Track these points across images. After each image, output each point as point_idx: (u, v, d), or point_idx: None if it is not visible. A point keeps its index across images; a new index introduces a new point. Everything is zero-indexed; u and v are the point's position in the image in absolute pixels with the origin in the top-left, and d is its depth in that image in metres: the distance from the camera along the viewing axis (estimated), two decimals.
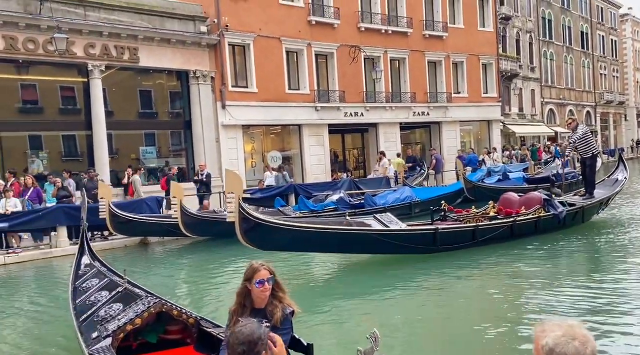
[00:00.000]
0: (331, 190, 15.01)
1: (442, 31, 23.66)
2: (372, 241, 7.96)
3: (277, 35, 18.72)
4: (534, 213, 9.53)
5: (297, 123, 19.62)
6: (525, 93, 33.67)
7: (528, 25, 34.23)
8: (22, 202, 11.69)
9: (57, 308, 7.25)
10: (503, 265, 8.21)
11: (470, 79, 25.07)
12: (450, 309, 6.23)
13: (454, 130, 24.78)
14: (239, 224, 7.05)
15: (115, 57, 15.39)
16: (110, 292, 4.25)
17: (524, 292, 6.63)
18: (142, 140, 17.53)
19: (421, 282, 7.44)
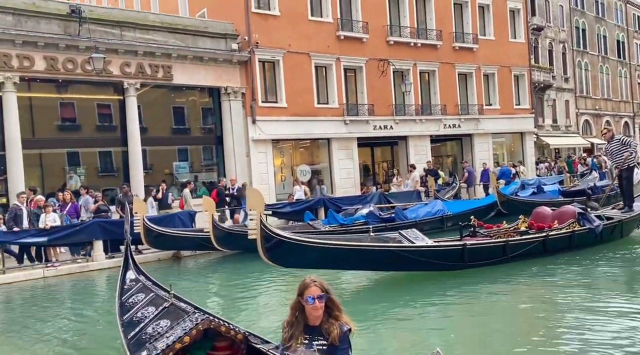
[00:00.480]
0: (361, 203, 14.95)
1: (472, 43, 23.46)
2: (397, 258, 7.78)
3: (306, 50, 18.93)
4: (568, 227, 9.17)
5: (326, 137, 19.70)
6: (559, 104, 32.96)
7: (561, 35, 33.62)
8: (61, 216, 12.06)
9: (100, 321, 7.41)
10: (535, 283, 7.90)
11: (501, 90, 24.72)
12: (483, 329, 6.04)
13: (486, 142, 24.40)
14: (261, 241, 7.01)
15: (150, 75, 15.83)
16: (156, 307, 4.18)
17: (557, 312, 6.35)
18: (175, 156, 17.90)
19: (451, 300, 7.23)
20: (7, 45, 13.55)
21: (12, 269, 11.20)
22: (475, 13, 23.81)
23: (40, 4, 14.49)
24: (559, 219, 9.34)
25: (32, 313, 8.26)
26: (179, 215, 13.15)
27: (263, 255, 7.13)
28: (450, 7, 23.00)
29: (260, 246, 7.05)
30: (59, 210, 12.37)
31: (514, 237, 8.80)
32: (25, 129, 14.20)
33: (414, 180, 18.45)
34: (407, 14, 21.66)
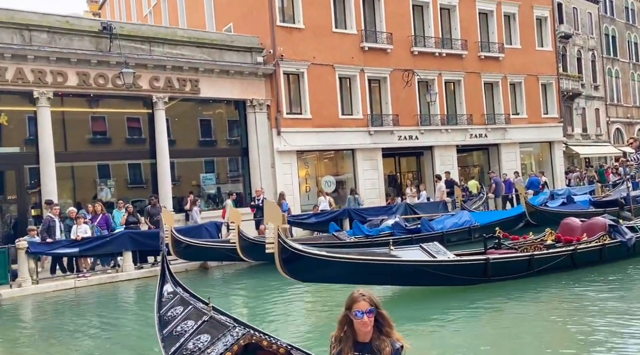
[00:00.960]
0: (386, 214, 14.87)
1: (498, 52, 23.24)
2: (418, 272, 7.62)
3: (330, 62, 19.05)
4: (598, 240, 8.84)
5: (350, 147, 19.71)
6: (589, 112, 32.28)
7: (590, 43, 33.02)
8: (92, 228, 12.35)
9: (130, 330, 7.54)
10: (562, 299, 7.61)
11: (529, 99, 24.36)
12: (510, 345, 5.83)
13: (514, 152, 24.03)
14: (278, 255, 6.92)
15: (178, 88, 16.16)
16: (195, 321, 4.09)
17: (588, 328, 6.09)
18: (202, 167, 18.16)
19: (474, 316, 7.03)
20: (42, 62, 14.04)
21: (44, 280, 11.49)
22: (501, 22, 23.61)
23: (73, 22, 15.00)
24: (589, 232, 9.06)
25: (64, 323, 8.45)
26: (206, 226, 13.31)
27: (281, 269, 7.04)
28: (476, 16, 22.86)
29: (278, 260, 6.98)
30: (90, 222, 12.67)
31: (540, 251, 8.52)
32: (58, 143, 14.63)
33: (440, 191, 18.27)
34: (432, 24, 21.62)
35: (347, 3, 19.72)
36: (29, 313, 9.77)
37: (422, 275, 7.63)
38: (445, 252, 7.93)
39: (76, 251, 11.58)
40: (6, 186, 14.72)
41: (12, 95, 14.25)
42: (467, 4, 22.52)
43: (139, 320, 8.24)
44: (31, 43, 13.97)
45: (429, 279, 7.76)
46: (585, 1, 33.06)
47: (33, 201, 14.67)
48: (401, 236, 12.46)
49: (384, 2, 20.35)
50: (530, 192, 17.56)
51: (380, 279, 7.75)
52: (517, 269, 8.18)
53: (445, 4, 22.08)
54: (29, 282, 10.96)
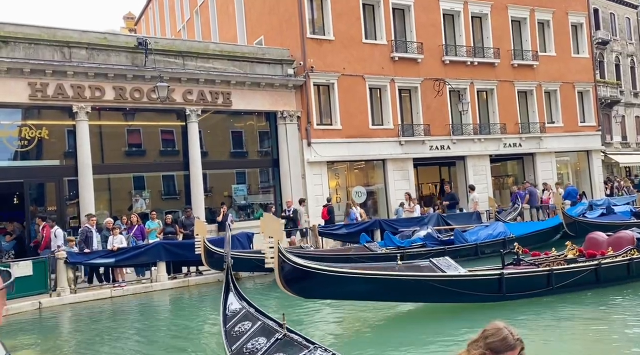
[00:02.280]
0: (417, 225, 14.69)
1: (531, 60, 22.81)
2: (427, 288, 7.22)
3: (361, 73, 19.07)
4: (625, 254, 8.28)
5: (381, 158, 19.61)
6: (629, 120, 31.26)
7: (628, 49, 32.06)
8: (127, 238, 12.62)
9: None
10: (585, 318, 7.06)
11: (565, 107, 23.77)
12: None
13: (549, 162, 23.43)
14: (279, 270, 6.65)
15: (210, 101, 16.46)
16: (267, 338, 3.90)
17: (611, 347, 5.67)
18: (234, 178, 18.37)
19: None
20: (80, 77, 14.53)
21: (82, 289, 11.78)
22: (535, 29, 23.19)
23: (111, 38, 15.50)
24: (615, 246, 8.54)
25: (101, 332, 8.62)
26: (238, 237, 13.40)
27: (281, 285, 6.75)
28: (508, 24, 22.53)
29: (278, 276, 6.71)
30: (126, 233, 12.95)
31: (561, 266, 8.03)
32: (96, 155, 15.06)
33: (474, 202, 17.94)
34: (463, 33, 21.41)
35: (377, 14, 19.75)
36: (67, 322, 10.02)
37: (431, 291, 7.26)
38: (457, 267, 7.55)
39: (112, 261, 11.84)
40: (47, 197, 15.21)
41: (52, 110, 14.78)
42: (499, 12, 22.23)
43: (171, 330, 8.34)
44: (71, 59, 14.49)
45: (438, 296, 7.37)
46: (623, 6, 32.18)
47: (71, 212, 15.11)
48: (434, 247, 12.27)
49: (414, 12, 20.29)
50: (568, 203, 17.06)
51: (389, 295, 7.39)
52: (535, 285, 7.73)
53: (476, 12, 21.85)
54: (68, 291, 11.25)
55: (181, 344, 7.34)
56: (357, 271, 7.22)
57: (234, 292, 5.18)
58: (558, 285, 7.70)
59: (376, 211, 19.61)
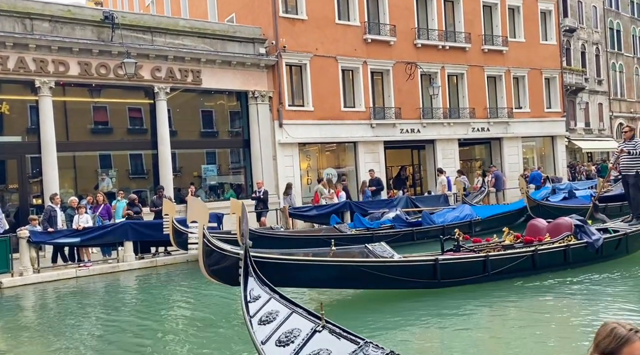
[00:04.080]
0: (387, 207, 14.87)
1: (501, 45, 23.12)
2: (360, 274, 6.92)
3: (333, 54, 18.97)
4: (562, 241, 8.18)
5: (352, 140, 19.68)
6: (592, 107, 32.16)
7: (594, 37, 32.82)
8: (93, 217, 12.37)
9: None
10: (518, 304, 6.95)
11: (532, 93, 24.27)
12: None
13: (516, 146, 23.98)
14: (203, 257, 6.34)
15: (179, 79, 16.12)
16: (302, 329, 3.52)
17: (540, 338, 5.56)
18: (203, 159, 18.16)
19: (415, 325, 6.32)
20: (43, 51, 14.00)
21: (46, 269, 11.53)
22: (505, 15, 23.46)
23: (75, 11, 14.95)
24: (554, 232, 8.42)
25: (65, 312, 8.49)
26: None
27: (205, 271, 6.44)
28: (479, 9, 22.72)
29: (202, 262, 6.39)
30: (92, 212, 12.69)
31: (496, 252, 7.85)
32: (60, 132, 14.63)
33: (442, 185, 18.26)
34: (435, 16, 21.49)
35: None
36: (29, 302, 9.81)
37: (366, 278, 6.96)
38: (392, 252, 7.37)
39: (77, 241, 11.61)
40: (8, 175, 14.73)
41: (13, 84, 14.23)
42: None
43: (138, 311, 8.28)
44: (33, 32, 13.93)
45: (372, 282, 7.09)
46: None
47: (34, 190, 14.69)
48: (402, 229, 12.47)
49: None
50: (532, 187, 17.53)
51: (321, 281, 7.07)
52: (471, 271, 7.56)
53: None
54: (30, 271, 11.00)
55: (148, 324, 7.29)
56: (287, 257, 6.88)
57: (254, 277, 4.80)
58: (494, 272, 7.56)
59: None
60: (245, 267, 4.90)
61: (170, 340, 6.43)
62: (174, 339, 6.48)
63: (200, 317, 7.48)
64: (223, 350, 5.76)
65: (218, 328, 6.75)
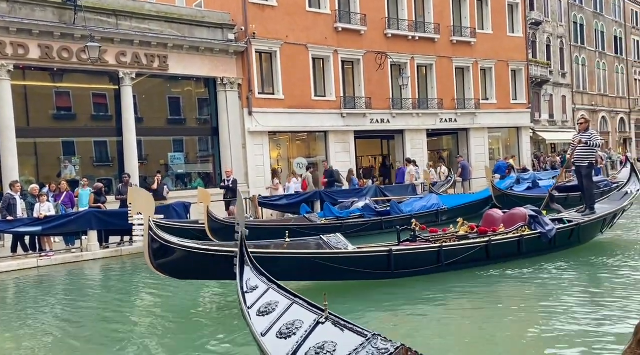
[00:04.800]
0: (357, 196, 14.94)
1: (470, 37, 23.41)
2: (314, 266, 6.76)
3: (304, 42, 18.84)
4: (516, 231, 8.22)
5: (323, 129, 19.66)
6: (556, 99, 32.99)
7: (559, 30, 33.58)
8: (56, 206, 12.01)
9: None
10: (470, 293, 6.96)
11: (498, 85, 24.71)
12: None
13: (482, 137, 24.43)
14: (148, 249, 6.16)
15: (146, 64, 15.72)
16: (303, 320, 3.36)
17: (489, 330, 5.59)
18: (171, 146, 17.84)
19: (368, 315, 6.18)
20: (1, 32, 13.41)
21: (5, 259, 11.16)
22: (474, 7, 23.74)
23: None
24: (509, 222, 8.44)
25: (25, 303, 8.23)
26: (174, 206, 13.10)
27: (150, 264, 6.25)
28: (449, 0, 22.91)
29: (147, 255, 6.19)
30: (54, 200, 12.32)
31: (450, 243, 7.81)
32: (20, 118, 14.10)
33: (410, 175, 18.47)
34: (406, 6, 21.57)
35: None
36: None
37: (319, 269, 6.82)
38: (347, 243, 7.27)
39: (39, 230, 11.25)
40: None
41: None
42: None
43: (105, 301, 8.11)
44: None
45: (328, 273, 6.94)
46: None
47: None
48: (371, 218, 12.56)
49: None
50: (497, 176, 17.91)
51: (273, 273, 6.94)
52: (424, 262, 7.48)
53: None
54: None
55: (110, 316, 7.15)
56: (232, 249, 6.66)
57: (250, 267, 4.66)
58: (448, 262, 7.54)
59: (317, 183, 19.74)
60: (241, 256, 4.77)
61: (138, 331, 6.31)
62: (141, 329, 6.37)
63: (168, 307, 7.38)
64: (192, 340, 5.70)
65: (186, 317, 6.67)
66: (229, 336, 5.69)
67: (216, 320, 6.44)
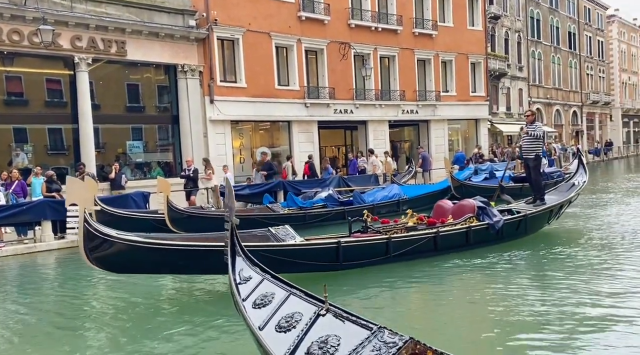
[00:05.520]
0: (320, 187, 14.99)
1: (431, 29, 23.72)
2: (261, 259, 6.60)
3: (267, 30, 18.63)
4: (464, 222, 8.25)
5: (286, 119, 19.57)
6: (513, 92, 33.94)
7: (517, 25, 34.46)
8: (6, 195, 11.52)
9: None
10: (417, 283, 7.03)
11: (458, 77, 25.20)
12: None
13: (442, 129, 24.91)
14: (83, 241, 6.00)
15: (102, 49, 15.20)
16: (303, 313, 3.22)
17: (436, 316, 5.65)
18: (129, 134, 17.36)
19: None
20: None
21: None
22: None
23: None
24: (458, 214, 8.50)
25: None
26: (132, 196, 12.81)
27: (86, 258, 6.08)
28: None
29: (83, 248, 6.02)
30: (4, 189, 11.81)
31: (398, 234, 7.80)
32: None
33: (373, 165, 18.65)
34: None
35: None
36: None
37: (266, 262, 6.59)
38: (295, 235, 7.18)
39: None
40: None
41: None
42: None
43: (60, 293, 7.87)
44: None
45: (276, 266, 6.66)
46: None
47: None
48: (334, 208, 12.65)
49: None
50: (456, 167, 18.31)
51: (215, 267, 6.41)
52: (372, 253, 7.46)
53: None
54: None
55: (65, 309, 6.96)
56: (178, 242, 6.44)
57: (243, 257, 4.48)
58: (396, 254, 7.51)
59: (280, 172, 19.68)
60: (232, 246, 4.59)
61: (94, 324, 6.16)
62: (98, 322, 6.22)
63: (126, 298, 7.23)
64: (152, 330, 5.61)
65: (146, 307, 6.57)
66: (193, 326, 5.65)
67: (178, 310, 6.37)
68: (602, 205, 13.97)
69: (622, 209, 12.93)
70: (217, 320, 5.77)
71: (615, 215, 12.03)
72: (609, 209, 13.24)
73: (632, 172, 29.16)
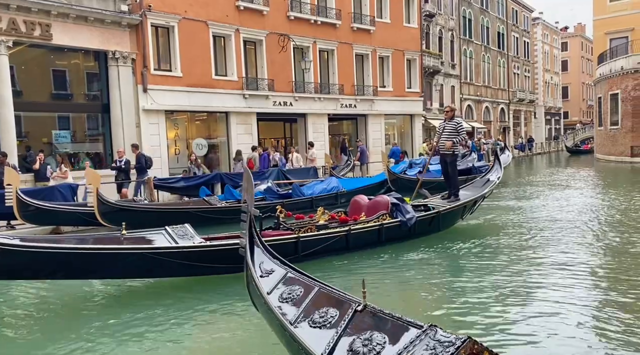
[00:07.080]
0: (259, 179, 14.85)
1: (369, 24, 24.06)
2: (153, 262, 6.16)
3: (203, 18, 18.15)
4: (377, 219, 8.14)
5: (224, 110, 19.20)
6: (446, 89, 35.17)
7: (450, 23, 35.68)
8: None
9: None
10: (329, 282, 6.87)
11: (395, 73, 25.76)
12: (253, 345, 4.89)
13: (379, 123, 25.40)
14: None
15: (25, 32, 14.21)
16: (338, 309, 3.07)
17: None
18: (55, 123, 16.38)
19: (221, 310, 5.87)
20: None
21: None
22: None
23: None
24: (372, 210, 8.40)
25: None
26: (59, 188, 12.11)
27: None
28: None
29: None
30: None
31: (310, 233, 7.53)
32: None
33: (311, 158, 18.73)
34: None
35: None
36: None
37: (161, 265, 6.23)
38: (194, 236, 6.74)
39: None
40: None
41: None
42: None
43: None
44: None
45: (172, 269, 6.34)
46: None
47: None
48: (273, 201, 12.57)
49: None
50: (392, 161, 18.77)
51: (110, 271, 6.16)
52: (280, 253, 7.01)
53: None
54: None
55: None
56: (67, 246, 5.82)
57: (262, 249, 4.30)
58: (305, 253, 7.20)
59: (218, 164, 19.33)
60: (251, 238, 4.36)
61: (20, 323, 5.78)
62: (24, 322, 5.84)
63: (52, 296, 6.85)
64: (74, 329, 5.34)
65: (72, 307, 6.25)
66: (111, 325, 5.45)
67: (97, 310, 6.10)
68: (525, 198, 14.81)
69: (540, 203, 13.57)
70: None
71: (531, 209, 12.47)
72: (531, 201, 14.03)
73: (553, 167, 31.19)
